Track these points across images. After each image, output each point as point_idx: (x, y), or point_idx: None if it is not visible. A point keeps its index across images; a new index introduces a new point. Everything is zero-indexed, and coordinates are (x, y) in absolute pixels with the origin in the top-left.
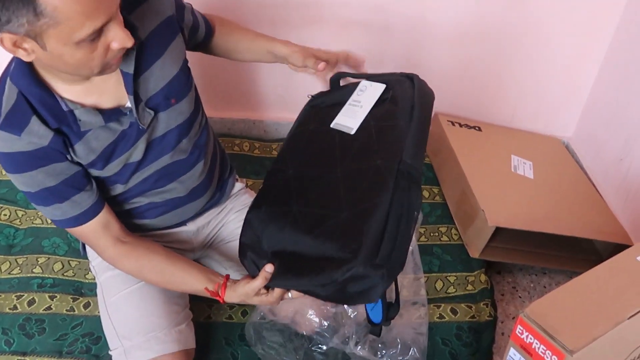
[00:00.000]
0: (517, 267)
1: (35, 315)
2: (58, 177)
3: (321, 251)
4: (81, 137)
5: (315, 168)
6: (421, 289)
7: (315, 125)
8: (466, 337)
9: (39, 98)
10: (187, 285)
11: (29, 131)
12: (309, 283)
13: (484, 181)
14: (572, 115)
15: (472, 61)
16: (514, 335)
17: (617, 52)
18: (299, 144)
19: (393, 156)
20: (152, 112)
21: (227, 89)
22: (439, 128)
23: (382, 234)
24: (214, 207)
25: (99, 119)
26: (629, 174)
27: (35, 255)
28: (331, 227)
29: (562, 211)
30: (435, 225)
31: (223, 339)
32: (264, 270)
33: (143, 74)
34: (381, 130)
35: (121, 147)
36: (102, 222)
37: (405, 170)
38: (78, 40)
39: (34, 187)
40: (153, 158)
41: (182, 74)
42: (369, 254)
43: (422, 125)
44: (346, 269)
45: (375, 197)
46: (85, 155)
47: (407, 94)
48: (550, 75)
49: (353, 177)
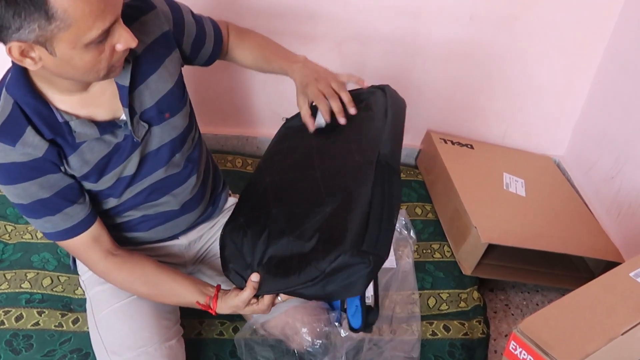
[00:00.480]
0: (510, 284)
1: (23, 331)
2: (51, 189)
3: (306, 247)
4: (76, 148)
5: (292, 173)
6: (414, 306)
7: (291, 142)
8: (459, 354)
9: (34, 108)
10: (179, 298)
11: (24, 142)
12: (296, 281)
13: (476, 198)
14: (563, 134)
15: (464, 79)
16: (507, 351)
17: (607, 71)
18: (276, 158)
19: (371, 151)
20: (146, 126)
21: (220, 104)
22: (432, 146)
23: (367, 223)
24: (207, 222)
25: (95, 130)
26: (620, 192)
27: (24, 271)
28: (315, 222)
29: (554, 229)
30: (428, 242)
31: (214, 355)
32: (250, 280)
33: (138, 87)
34: (357, 132)
35: (115, 160)
36: (93, 236)
37: (384, 162)
38: (87, 42)
39: (26, 199)
40: (146, 172)
41: (177, 89)
42: (355, 242)
43: (396, 123)
44: (333, 257)
45: (357, 189)
46: (79, 168)
47: (380, 101)
48: (542, 95)
49: (333, 174)
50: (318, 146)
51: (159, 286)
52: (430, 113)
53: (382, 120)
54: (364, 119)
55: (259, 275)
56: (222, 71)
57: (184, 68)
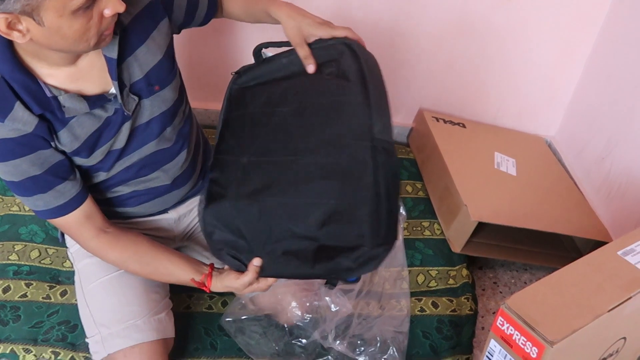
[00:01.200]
0: (499, 262)
1: (10, 303)
2: (42, 165)
3: (316, 240)
4: (65, 123)
5: (275, 155)
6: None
7: (253, 108)
8: (447, 330)
9: (21, 83)
10: (172, 277)
11: (13, 117)
12: (310, 272)
13: (467, 177)
14: (555, 115)
15: (457, 58)
16: (495, 326)
17: (601, 52)
18: (242, 129)
19: (363, 135)
20: (136, 98)
21: (211, 79)
22: (424, 124)
23: (378, 213)
24: (196, 195)
25: (84, 105)
26: (610, 173)
27: (12, 242)
28: (319, 216)
29: (544, 208)
30: (418, 220)
31: (202, 328)
32: (252, 264)
33: (127, 59)
34: (340, 108)
35: (106, 135)
36: (85, 213)
37: (380, 147)
38: (74, 8)
39: (17, 176)
40: (137, 145)
41: (166, 60)
42: (373, 237)
43: (381, 95)
44: (356, 257)
45: (359, 181)
46: (69, 143)
47: (352, 67)
48: (535, 75)
49: (324, 162)
50: (293, 121)
51: (152, 264)
52: (422, 91)
53: (363, 92)
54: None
55: (262, 261)
56: (212, 44)
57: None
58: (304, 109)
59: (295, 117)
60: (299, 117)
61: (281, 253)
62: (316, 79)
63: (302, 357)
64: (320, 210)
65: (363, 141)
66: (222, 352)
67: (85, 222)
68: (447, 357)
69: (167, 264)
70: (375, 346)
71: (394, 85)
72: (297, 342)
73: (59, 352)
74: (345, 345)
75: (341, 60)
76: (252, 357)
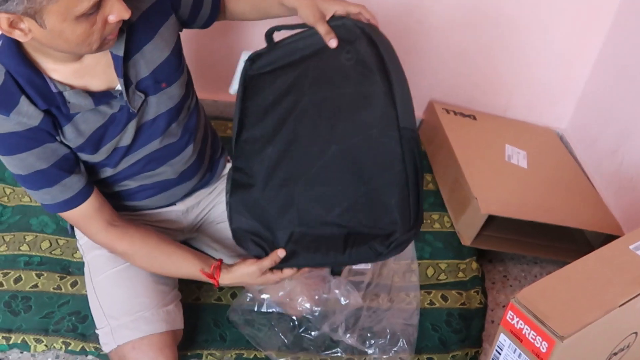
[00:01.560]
0: (509, 256)
1: (22, 293)
2: (49, 159)
3: (346, 228)
4: (70, 119)
5: (303, 144)
6: (413, 275)
7: (273, 95)
8: (456, 323)
9: (27, 78)
10: (181, 270)
11: (18, 111)
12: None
13: (477, 170)
14: (567, 107)
15: (468, 50)
16: (504, 321)
17: (614, 44)
18: (263, 117)
19: (389, 125)
20: (142, 95)
21: (220, 70)
22: (434, 116)
23: (408, 200)
24: (204, 188)
25: (89, 101)
26: (622, 166)
27: (22, 233)
28: (351, 204)
29: (555, 201)
30: (428, 212)
31: (212, 320)
32: (275, 254)
33: (133, 56)
34: (364, 98)
35: (111, 131)
36: (93, 206)
37: (407, 136)
38: (78, 14)
39: (24, 170)
40: (143, 142)
41: (174, 57)
42: (405, 223)
43: (402, 82)
44: (389, 243)
45: (389, 169)
46: (74, 139)
47: (371, 52)
48: (546, 66)
49: (353, 151)
50: (318, 111)
51: (160, 258)
52: (433, 83)
53: (385, 81)
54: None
55: (285, 252)
56: (222, 37)
57: (183, 34)
58: (327, 98)
59: (318, 105)
60: (323, 106)
61: (310, 240)
62: (336, 65)
63: (311, 350)
64: (351, 198)
65: (390, 131)
66: (232, 344)
67: (93, 215)
68: (456, 350)
69: (174, 258)
70: (385, 338)
71: None
72: (306, 335)
73: (69, 343)
74: (355, 338)
75: (358, 45)
76: (260, 350)
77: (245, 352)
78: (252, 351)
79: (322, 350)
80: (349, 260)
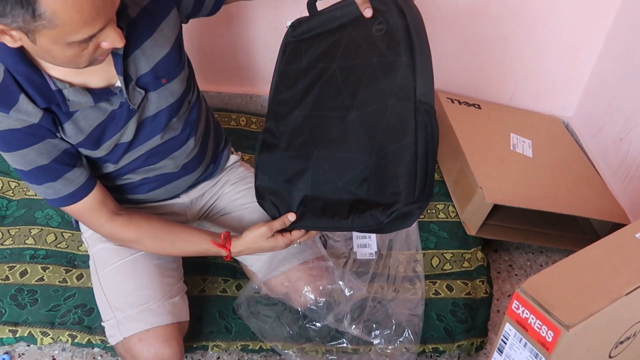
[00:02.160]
0: (514, 245)
1: (28, 286)
2: (50, 154)
3: (356, 195)
4: (70, 116)
5: (325, 109)
6: (418, 265)
7: (307, 61)
8: (461, 313)
9: (26, 76)
10: (190, 245)
11: (18, 109)
12: (345, 224)
13: (482, 159)
14: (572, 95)
15: (473, 38)
16: (510, 310)
17: (619, 32)
18: (296, 81)
19: (407, 95)
20: (142, 92)
21: (224, 62)
22: (439, 105)
23: (415, 172)
24: (208, 180)
25: (89, 99)
26: (628, 154)
27: (28, 227)
28: (361, 171)
29: (561, 190)
30: (433, 202)
31: (217, 312)
32: (285, 217)
33: (133, 52)
34: (387, 68)
35: (112, 128)
36: (96, 198)
37: (423, 108)
38: (70, 42)
39: (26, 165)
40: (144, 138)
41: (174, 53)
42: (408, 195)
43: (425, 57)
44: (390, 212)
45: (400, 140)
46: (74, 135)
47: (400, 24)
48: (552, 55)
49: (369, 119)
50: (343, 76)
51: (168, 237)
52: (437, 72)
53: (409, 53)
54: (390, 51)
55: (295, 216)
56: (225, 28)
57: (186, 26)
58: (353, 66)
59: (345, 72)
60: (349, 73)
61: (320, 205)
62: (367, 34)
63: (317, 341)
64: (362, 165)
65: (407, 102)
66: (237, 335)
67: (98, 207)
68: (462, 340)
69: (183, 235)
70: (390, 329)
71: None
72: (311, 326)
73: (75, 335)
74: (360, 329)
75: (388, 15)
76: (266, 341)
77: (250, 343)
78: (258, 342)
79: (327, 341)
80: (351, 226)
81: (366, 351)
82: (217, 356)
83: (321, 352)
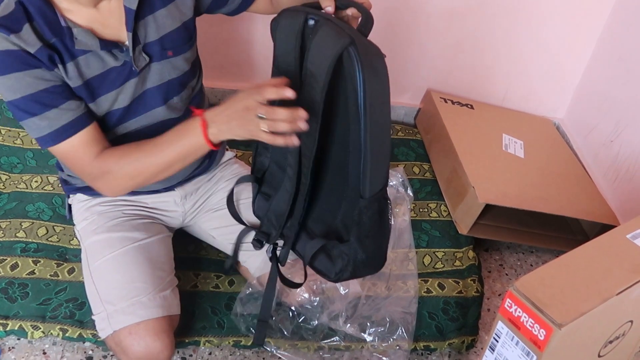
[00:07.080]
0: (505, 245)
1: (19, 280)
2: (47, 82)
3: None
4: (73, 58)
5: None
6: (410, 264)
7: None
8: (453, 311)
9: (39, 8)
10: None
11: (19, 36)
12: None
13: (474, 159)
14: (564, 97)
15: (466, 39)
16: (502, 309)
17: (611, 35)
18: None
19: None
20: (147, 58)
21: (218, 58)
22: (432, 105)
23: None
24: (203, 174)
25: (96, 42)
26: (618, 156)
27: (19, 220)
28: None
29: (551, 191)
30: (425, 201)
31: (209, 307)
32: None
33: (146, 17)
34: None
35: (109, 83)
36: (91, 135)
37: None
38: None
39: (21, 91)
40: (143, 109)
41: (184, 30)
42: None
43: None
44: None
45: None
46: (74, 78)
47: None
48: (543, 56)
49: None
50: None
51: (155, 147)
52: (431, 72)
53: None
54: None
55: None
56: (219, 23)
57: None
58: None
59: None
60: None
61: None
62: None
63: (310, 339)
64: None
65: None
66: (229, 331)
67: (91, 143)
68: (453, 338)
69: (160, 139)
70: (384, 327)
71: (401, 66)
72: (305, 325)
73: (67, 329)
74: (355, 327)
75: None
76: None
77: (242, 339)
78: (250, 338)
79: (320, 339)
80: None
81: (358, 348)
82: (209, 351)
83: (313, 349)
